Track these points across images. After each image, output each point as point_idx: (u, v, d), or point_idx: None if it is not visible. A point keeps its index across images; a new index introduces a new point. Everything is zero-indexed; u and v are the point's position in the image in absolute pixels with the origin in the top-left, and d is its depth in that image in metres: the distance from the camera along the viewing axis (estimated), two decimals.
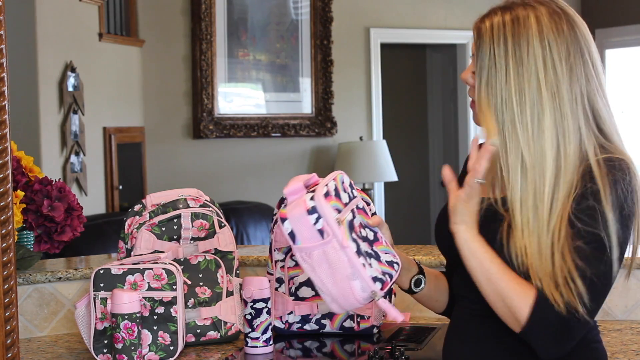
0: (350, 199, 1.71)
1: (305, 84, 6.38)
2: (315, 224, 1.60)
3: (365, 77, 6.66)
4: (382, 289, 1.63)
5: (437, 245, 1.85)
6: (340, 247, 1.60)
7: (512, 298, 1.56)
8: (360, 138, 6.49)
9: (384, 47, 6.78)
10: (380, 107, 6.73)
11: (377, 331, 2.25)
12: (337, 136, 6.49)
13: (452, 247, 1.73)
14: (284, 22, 6.31)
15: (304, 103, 6.40)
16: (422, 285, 1.83)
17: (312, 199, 1.61)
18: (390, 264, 1.69)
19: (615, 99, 7.20)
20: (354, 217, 1.68)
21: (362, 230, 1.69)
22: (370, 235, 1.71)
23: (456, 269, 1.78)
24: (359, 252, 1.62)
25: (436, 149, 7.86)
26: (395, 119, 7.58)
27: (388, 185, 6.90)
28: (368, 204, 2.23)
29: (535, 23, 1.62)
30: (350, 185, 1.75)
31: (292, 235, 1.61)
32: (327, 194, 1.63)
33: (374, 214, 2.22)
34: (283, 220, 1.61)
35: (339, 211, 1.64)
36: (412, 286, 1.83)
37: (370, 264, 1.63)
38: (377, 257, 1.67)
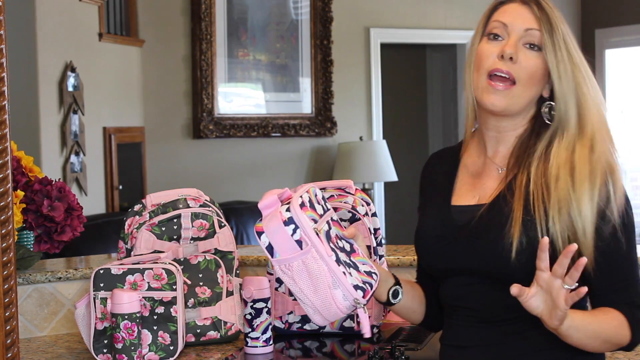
0: (325, 211, 1.69)
1: (305, 84, 6.38)
2: (292, 234, 1.58)
3: (365, 77, 6.66)
4: (363, 297, 1.62)
5: (422, 259, 1.83)
6: (319, 257, 1.58)
7: (615, 336, 1.66)
8: (360, 138, 6.48)
9: (384, 47, 6.78)
10: (380, 107, 6.73)
11: (377, 331, 2.25)
12: (337, 136, 6.49)
13: (437, 260, 1.74)
14: (284, 22, 6.31)
15: (304, 103, 6.40)
16: (400, 296, 1.81)
17: (287, 210, 1.59)
18: (369, 274, 1.67)
19: (615, 99, 7.21)
20: (329, 228, 1.66)
21: (338, 241, 1.67)
22: (347, 247, 1.69)
23: (444, 281, 1.78)
24: (338, 260, 1.60)
25: (436, 148, 7.84)
26: (395, 119, 7.58)
27: (388, 185, 6.90)
28: (368, 204, 2.23)
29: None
30: (323, 198, 1.73)
31: (269, 248, 1.59)
32: (302, 205, 1.61)
33: (374, 214, 2.23)
34: (259, 234, 1.59)
35: (315, 221, 1.62)
36: (390, 297, 1.80)
37: (350, 273, 1.61)
38: (356, 267, 1.66)
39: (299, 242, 1.58)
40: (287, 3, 6.30)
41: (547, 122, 1.73)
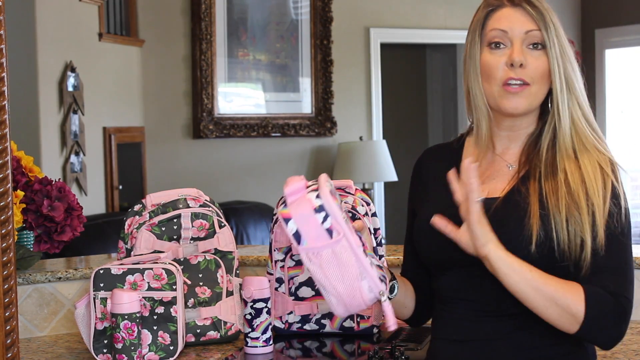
0: (341, 202, 1.69)
1: (305, 83, 6.38)
2: (323, 222, 1.54)
3: (365, 77, 6.66)
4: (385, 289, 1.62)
5: (424, 251, 1.83)
6: (349, 246, 1.56)
7: (565, 297, 1.61)
8: (360, 138, 6.49)
9: (384, 47, 6.78)
10: (380, 107, 6.73)
11: (377, 331, 2.25)
12: (337, 136, 6.48)
13: (440, 251, 1.74)
14: (283, 22, 6.31)
15: (304, 103, 6.40)
16: (396, 290, 1.82)
17: (317, 197, 1.55)
18: (380, 267, 1.68)
19: (615, 99, 7.22)
20: (347, 219, 1.65)
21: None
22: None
23: (444, 274, 1.78)
24: (365, 251, 1.60)
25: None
26: (395, 119, 7.58)
27: (388, 185, 6.90)
28: (368, 204, 2.23)
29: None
30: (335, 191, 1.71)
31: (297, 235, 1.55)
32: (331, 193, 1.58)
33: (374, 214, 2.23)
34: (287, 220, 1.55)
35: (342, 211, 1.61)
36: (388, 292, 1.81)
37: (374, 265, 1.62)
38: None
39: (329, 231, 1.54)
40: (287, 3, 6.30)
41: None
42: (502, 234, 1.66)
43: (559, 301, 1.61)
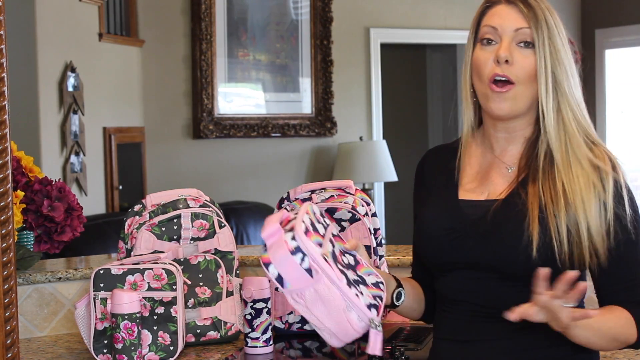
0: (325, 228, 1.65)
1: (305, 84, 6.38)
2: (301, 263, 1.53)
3: (365, 77, 6.66)
4: (377, 314, 1.61)
5: (425, 252, 1.82)
6: (331, 283, 1.54)
7: (623, 335, 1.68)
8: (360, 138, 6.48)
9: (384, 47, 6.78)
10: (380, 107, 6.73)
11: None
12: (337, 136, 6.48)
13: (441, 253, 1.74)
14: (284, 22, 6.31)
15: (304, 103, 6.40)
16: (403, 297, 1.81)
17: (293, 238, 1.53)
18: (377, 285, 1.65)
19: (615, 99, 7.22)
20: (333, 246, 1.62)
21: (343, 258, 1.64)
22: (351, 261, 1.66)
23: (445, 275, 1.78)
24: (349, 283, 1.58)
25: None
26: (395, 119, 7.58)
27: (388, 185, 6.90)
28: (368, 204, 2.23)
29: (551, 5, 1.77)
30: (321, 214, 1.69)
31: (279, 279, 1.54)
32: (306, 231, 1.56)
33: (374, 214, 2.23)
34: (267, 265, 1.54)
35: (321, 245, 1.57)
36: (394, 300, 1.80)
37: (361, 292, 1.59)
38: (364, 282, 1.63)
39: (309, 270, 1.53)
40: (287, 3, 6.30)
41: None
42: (502, 237, 1.66)
43: (619, 338, 1.68)
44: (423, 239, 1.82)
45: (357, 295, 1.57)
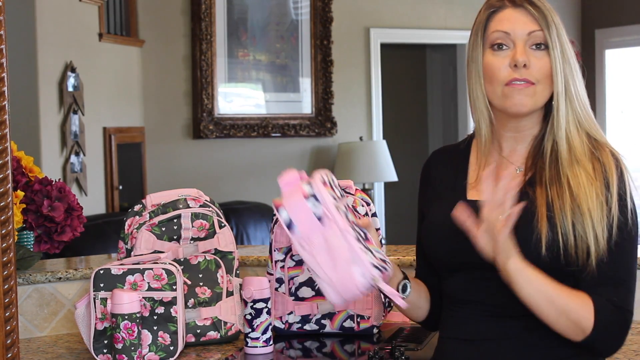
0: (342, 196, 1.71)
1: (305, 84, 6.38)
2: (314, 209, 1.58)
3: (365, 77, 6.66)
4: (382, 277, 1.62)
5: (434, 253, 1.83)
6: (340, 232, 1.59)
7: (576, 311, 1.63)
8: (360, 138, 6.49)
9: (384, 47, 6.78)
10: (380, 107, 6.73)
11: (377, 331, 2.25)
12: (337, 136, 6.49)
13: (449, 253, 1.74)
14: (284, 22, 6.31)
15: (304, 103, 6.40)
16: (409, 289, 1.82)
17: (309, 185, 1.60)
18: (384, 261, 1.68)
19: (615, 99, 7.22)
20: (347, 211, 1.68)
21: (354, 226, 1.68)
22: (362, 234, 1.70)
23: (452, 275, 1.78)
24: (358, 238, 1.61)
25: (436, 149, 7.85)
26: (395, 119, 7.58)
27: (388, 185, 6.90)
28: (368, 204, 2.23)
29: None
30: (339, 186, 1.75)
31: (289, 223, 1.59)
32: (323, 182, 1.62)
33: (374, 214, 2.23)
34: (279, 209, 1.59)
35: (336, 200, 1.63)
36: (400, 292, 1.81)
37: (369, 250, 1.63)
38: (372, 253, 1.67)
39: (320, 218, 1.58)
40: (287, 3, 6.30)
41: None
42: (512, 236, 1.66)
43: (570, 315, 1.63)
44: (432, 240, 1.82)
45: (363, 251, 1.60)
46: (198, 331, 2.20)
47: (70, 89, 4.86)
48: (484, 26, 1.77)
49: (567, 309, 1.63)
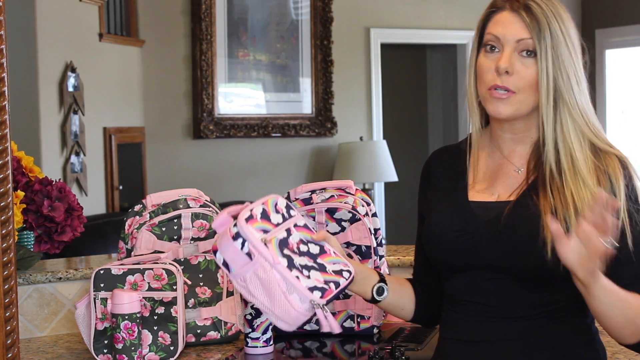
0: (285, 219, 1.70)
1: (306, 84, 6.38)
2: (242, 248, 1.61)
3: (366, 77, 6.66)
4: (323, 297, 1.62)
5: (436, 254, 1.82)
6: (269, 265, 1.60)
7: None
8: (361, 138, 6.49)
9: (384, 47, 6.78)
10: (380, 107, 6.73)
11: (377, 331, 2.25)
12: (337, 136, 6.49)
13: (452, 255, 1.74)
14: (284, 22, 6.31)
15: (304, 103, 6.40)
16: (386, 293, 1.81)
17: (235, 225, 1.63)
18: (339, 272, 1.68)
19: (615, 99, 7.21)
20: (289, 235, 1.68)
21: (302, 246, 1.68)
22: (315, 249, 1.70)
23: (454, 276, 1.78)
24: (291, 266, 1.62)
25: (436, 149, 7.85)
26: (395, 119, 7.59)
27: (388, 185, 6.90)
28: (368, 204, 2.23)
29: (562, 9, 1.74)
30: (287, 206, 1.74)
31: (225, 264, 1.63)
32: (250, 217, 1.64)
33: (374, 214, 2.23)
34: (215, 252, 1.64)
35: (266, 232, 1.64)
36: (375, 295, 1.80)
37: (308, 276, 1.63)
38: (322, 269, 1.66)
39: (249, 254, 1.61)
40: (287, 3, 6.30)
41: None
42: (517, 238, 1.65)
43: (637, 321, 1.63)
44: (433, 241, 1.81)
45: (297, 277, 1.62)
46: (198, 331, 2.20)
47: (70, 89, 4.86)
48: (483, 25, 1.77)
49: (635, 318, 1.63)
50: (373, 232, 2.20)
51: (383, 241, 2.29)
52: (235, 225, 1.63)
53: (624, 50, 7.18)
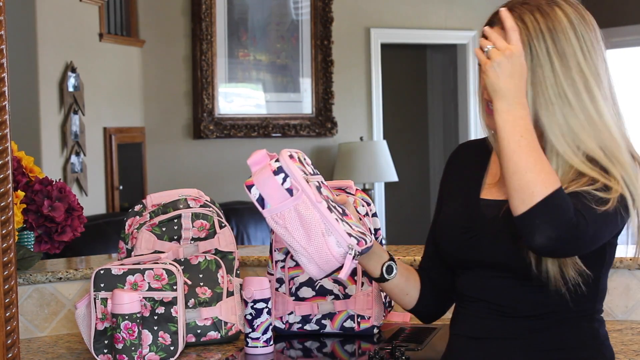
0: (314, 173, 1.72)
1: (306, 84, 6.38)
2: (283, 183, 1.61)
3: (366, 77, 6.66)
4: (358, 244, 1.62)
5: (444, 248, 1.81)
6: (311, 203, 1.60)
7: (537, 174, 1.53)
8: (361, 138, 6.49)
9: (384, 47, 6.78)
10: (380, 107, 6.73)
11: (378, 331, 2.25)
12: (337, 136, 6.49)
13: (460, 250, 1.74)
14: (284, 22, 6.31)
15: (304, 103, 6.40)
16: (395, 271, 1.82)
17: (277, 160, 1.62)
18: (363, 234, 1.68)
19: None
20: (320, 186, 1.68)
21: (329, 201, 1.69)
22: (339, 209, 1.71)
23: (463, 272, 1.78)
24: (330, 208, 1.62)
25: (436, 149, 7.86)
26: (395, 119, 7.59)
27: (388, 185, 6.90)
28: (368, 204, 2.23)
29: (563, 16, 1.68)
30: (313, 165, 1.76)
31: (260, 200, 1.62)
32: (291, 157, 1.65)
33: (374, 214, 2.23)
34: (249, 187, 1.62)
35: (305, 173, 1.65)
36: (384, 273, 1.81)
37: (343, 220, 1.63)
38: (349, 226, 1.67)
39: (290, 190, 1.61)
40: (287, 3, 6.30)
41: None
42: (514, 236, 1.65)
43: (528, 174, 1.53)
44: (442, 235, 1.82)
45: (337, 220, 1.62)
46: (198, 331, 2.20)
47: (70, 89, 4.86)
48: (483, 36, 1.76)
49: (529, 168, 1.53)
50: (373, 232, 2.20)
51: (383, 241, 2.29)
52: (277, 160, 1.62)
53: (624, 50, 7.18)
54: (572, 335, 1.69)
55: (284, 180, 1.61)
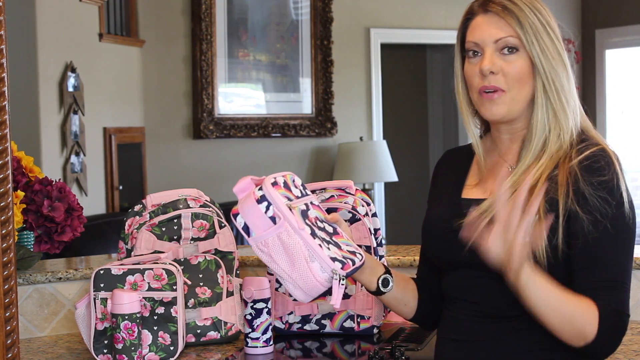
0: (303, 195, 1.73)
1: (306, 84, 6.38)
2: (266, 211, 1.63)
3: (366, 77, 6.66)
4: (343, 268, 1.63)
5: (428, 250, 1.83)
6: (293, 230, 1.62)
7: (582, 320, 1.60)
8: (361, 138, 6.49)
9: (384, 47, 6.78)
10: (380, 107, 6.73)
11: (378, 331, 2.25)
12: (337, 136, 6.49)
13: (445, 251, 1.74)
14: (284, 22, 6.31)
15: (304, 103, 6.40)
16: (391, 284, 1.82)
17: (260, 189, 1.65)
18: (353, 253, 1.70)
19: (615, 99, 7.22)
20: (307, 209, 1.70)
21: (318, 222, 1.70)
22: (329, 229, 1.72)
23: (448, 273, 1.78)
24: (313, 234, 1.64)
25: (436, 149, 7.86)
26: (395, 119, 7.59)
27: (388, 185, 6.90)
28: (368, 204, 2.23)
29: (537, 1, 1.75)
30: (302, 185, 1.77)
31: (245, 228, 1.64)
32: (274, 183, 1.66)
33: (374, 214, 2.23)
34: (235, 216, 1.65)
35: (290, 199, 1.66)
36: (380, 286, 1.81)
37: (327, 248, 1.64)
38: (338, 247, 1.68)
39: (273, 218, 1.63)
40: (287, 3, 6.30)
41: None
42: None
43: (575, 323, 1.60)
44: (427, 237, 1.83)
45: (320, 245, 1.63)
46: (198, 331, 2.20)
47: (70, 89, 4.86)
48: (462, 34, 1.79)
49: (573, 317, 1.59)
50: (373, 232, 2.20)
51: (383, 241, 2.29)
52: (260, 189, 1.64)
53: (624, 50, 7.18)
54: (552, 336, 1.65)
55: (267, 208, 1.63)
